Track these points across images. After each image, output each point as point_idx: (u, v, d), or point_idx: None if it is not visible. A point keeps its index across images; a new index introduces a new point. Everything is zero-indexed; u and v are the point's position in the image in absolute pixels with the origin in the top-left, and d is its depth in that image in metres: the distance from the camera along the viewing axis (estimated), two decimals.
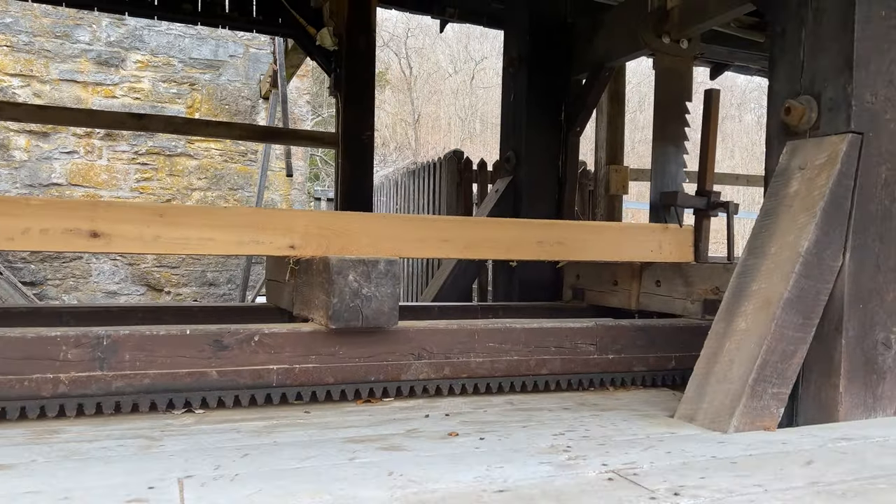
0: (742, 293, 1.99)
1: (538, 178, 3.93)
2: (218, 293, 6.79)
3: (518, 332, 2.23)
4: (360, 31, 4.35)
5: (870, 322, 1.97)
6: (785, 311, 1.86)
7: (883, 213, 1.99)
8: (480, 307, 3.24)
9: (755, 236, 2.06)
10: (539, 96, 3.90)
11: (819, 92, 2.06)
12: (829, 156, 1.97)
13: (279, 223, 2.33)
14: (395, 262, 2.03)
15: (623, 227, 2.94)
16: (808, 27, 2.11)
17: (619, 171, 5.03)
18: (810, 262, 1.89)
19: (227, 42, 6.75)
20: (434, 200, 5.26)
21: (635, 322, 2.44)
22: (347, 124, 4.31)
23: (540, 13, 3.89)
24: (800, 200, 1.98)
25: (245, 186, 6.81)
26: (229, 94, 6.79)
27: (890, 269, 2.00)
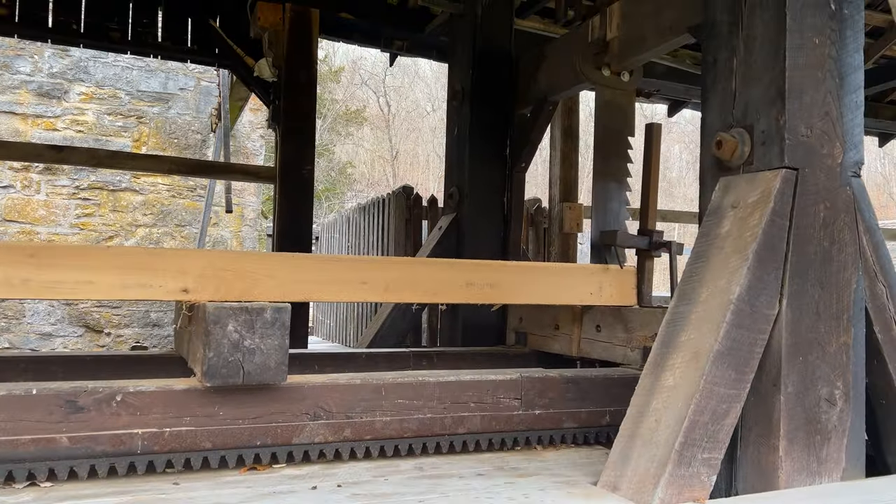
0: (670, 344, 1.80)
1: (482, 215, 3.75)
2: (162, 334, 6.47)
3: (431, 387, 2.01)
4: (301, 62, 4.18)
5: (811, 376, 1.78)
6: (715, 364, 1.66)
7: (822, 256, 1.82)
8: (413, 354, 3.01)
9: (685, 281, 1.88)
10: (483, 131, 3.75)
11: (751, 124, 1.91)
12: (762, 193, 1.80)
13: (170, 264, 2.09)
14: (285, 309, 1.80)
15: (560, 269, 2.75)
16: (740, 56, 1.97)
17: (574, 208, 4.87)
18: (743, 310, 1.71)
19: (177, 75, 6.56)
20: (383, 237, 5.05)
21: (565, 373, 2.23)
22: (286, 158, 4.11)
23: (484, 46, 3.76)
24: (732, 242, 1.81)
25: (193, 223, 6.55)
26: (179, 128, 6.58)
27: (831, 316, 1.82)
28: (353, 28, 4.60)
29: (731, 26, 2.00)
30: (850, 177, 1.89)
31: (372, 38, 4.72)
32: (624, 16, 2.93)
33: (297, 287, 2.28)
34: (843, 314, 1.83)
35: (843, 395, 1.82)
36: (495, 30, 3.79)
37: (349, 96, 28.07)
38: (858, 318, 1.86)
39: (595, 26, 3.10)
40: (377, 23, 4.61)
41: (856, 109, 1.92)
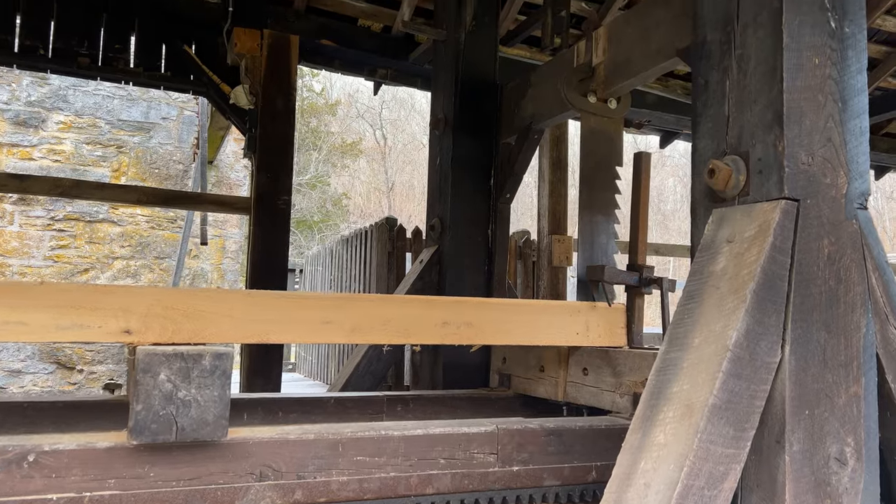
0: (661, 395, 1.60)
1: (465, 248, 3.56)
2: None
3: (396, 442, 1.80)
4: (279, 89, 4.05)
5: (819, 432, 1.58)
6: (711, 420, 1.47)
7: (828, 297, 1.64)
8: (387, 398, 2.79)
9: (677, 323, 1.69)
10: (466, 160, 3.59)
11: (747, 151, 1.74)
12: (760, 226, 1.62)
13: (112, 302, 1.90)
14: (226, 355, 1.60)
15: (544, 306, 2.56)
16: (733, 77, 1.81)
17: (563, 241, 4.71)
18: (741, 358, 1.52)
19: (159, 104, 6.43)
20: (365, 270, 4.86)
21: (546, 424, 2.02)
22: (261, 189, 3.94)
23: (467, 73, 3.62)
24: (727, 281, 1.62)
25: (172, 255, 6.36)
26: (160, 158, 6.42)
27: (840, 364, 1.63)
28: (335, 55, 4.47)
29: (722, 45, 1.85)
30: (856, 209, 1.72)
31: (355, 65, 4.59)
32: (610, 40, 2.79)
33: (253, 327, 2.09)
34: (852, 361, 1.65)
35: (855, 452, 1.62)
36: (479, 57, 3.66)
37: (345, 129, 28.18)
38: (869, 366, 1.67)
39: (581, 51, 2.96)
40: (360, 50, 4.48)
41: (860, 135, 1.76)
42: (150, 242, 6.37)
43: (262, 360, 3.83)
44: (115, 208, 6.21)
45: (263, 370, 3.84)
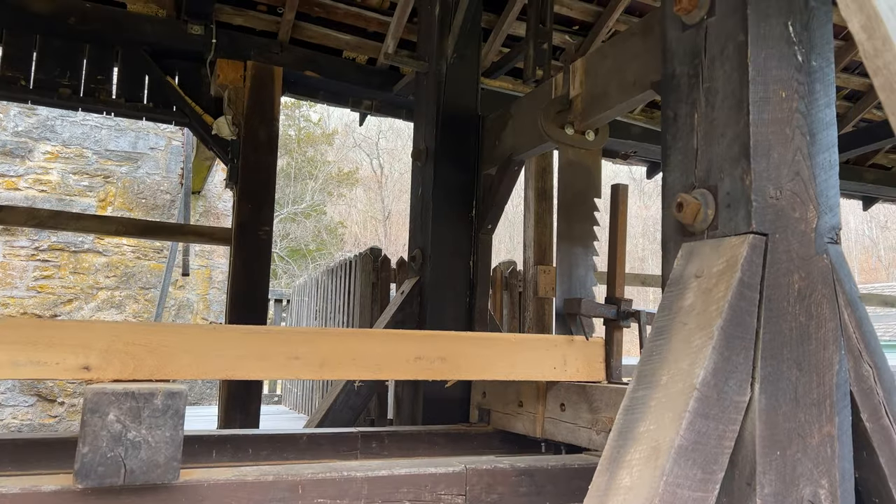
0: (628, 436, 1.55)
1: (446, 280, 3.53)
2: None
3: (359, 483, 1.74)
4: (261, 121, 4.05)
5: (792, 474, 1.53)
6: (678, 462, 1.42)
7: (799, 333, 1.60)
8: (361, 435, 2.73)
9: (645, 360, 1.65)
10: (447, 191, 3.57)
11: (715, 185, 1.72)
12: (728, 261, 1.59)
13: (70, 338, 1.85)
14: (179, 394, 1.55)
15: (520, 340, 2.51)
16: (701, 110, 1.80)
17: (548, 272, 4.67)
18: (708, 397, 1.47)
19: (148, 134, 6.44)
20: (349, 301, 4.82)
21: (517, 464, 1.96)
22: (242, 219, 3.91)
23: (449, 104, 3.62)
24: (695, 317, 1.59)
25: (158, 285, 6.30)
26: (147, 188, 6.41)
27: (812, 403, 1.59)
28: (319, 86, 4.48)
29: (691, 79, 1.84)
30: (826, 243, 1.69)
31: (339, 96, 4.60)
32: (587, 72, 2.80)
33: (218, 363, 2.04)
34: (825, 400, 1.60)
35: (830, 495, 1.57)
36: (460, 89, 3.67)
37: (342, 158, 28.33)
38: (843, 405, 1.63)
39: (558, 84, 2.96)
40: (345, 82, 4.50)
41: (829, 169, 1.74)
42: (136, 273, 6.32)
43: (241, 394, 3.77)
44: (101, 238, 6.17)
45: (242, 405, 3.77)
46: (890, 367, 1.72)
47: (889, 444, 1.67)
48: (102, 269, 6.20)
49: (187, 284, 6.50)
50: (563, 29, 4.68)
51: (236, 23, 4.17)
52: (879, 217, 33.78)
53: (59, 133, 6.19)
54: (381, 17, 4.36)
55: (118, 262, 6.28)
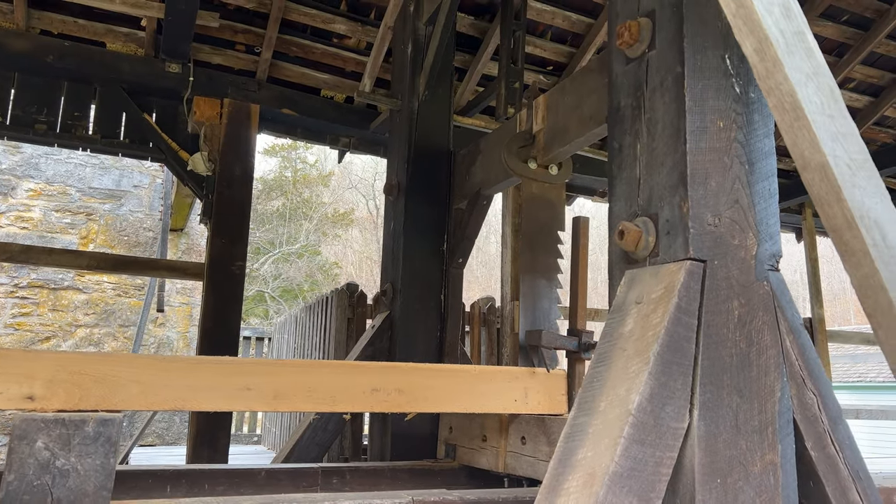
0: (567, 463, 1.53)
1: (417, 313, 3.52)
2: None
3: None
4: (237, 157, 4.08)
5: (733, 502, 1.51)
6: (612, 490, 1.40)
7: (740, 360, 1.60)
8: (322, 470, 2.68)
9: (586, 387, 1.64)
10: (419, 225, 3.59)
11: (656, 213, 1.74)
12: (666, 287, 1.60)
13: (13, 367, 1.83)
14: (111, 421, 1.54)
15: (481, 372, 2.50)
16: (643, 141, 1.83)
17: None
18: (644, 423, 1.46)
19: (132, 172, 6.48)
20: (325, 337, 4.79)
21: (467, 496, 1.93)
22: (216, 253, 3.91)
23: (421, 141, 3.67)
24: (634, 342, 1.58)
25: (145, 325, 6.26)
26: (130, 226, 6.43)
27: (754, 430, 1.57)
28: (297, 123, 4.54)
29: (634, 110, 1.88)
30: (767, 270, 1.70)
31: (317, 134, 4.66)
32: (549, 108, 2.85)
33: (167, 393, 2.02)
34: (767, 427, 1.59)
35: None
36: (432, 125, 3.72)
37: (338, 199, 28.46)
38: (786, 433, 1.62)
39: (522, 119, 3.01)
40: (323, 119, 4.56)
41: (769, 197, 1.76)
42: (116, 310, 6.29)
43: (209, 430, 3.71)
44: (81, 275, 6.16)
45: (210, 441, 3.71)
46: (835, 395, 1.72)
47: (835, 472, 1.65)
48: (82, 307, 6.17)
49: (168, 322, 6.46)
50: (537, 69, 4.78)
51: (215, 62, 4.24)
52: None
53: (42, 171, 6.23)
54: (358, 56, 4.44)
55: (98, 300, 6.25)
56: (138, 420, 5.99)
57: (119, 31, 4.00)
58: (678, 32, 1.76)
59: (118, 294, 6.29)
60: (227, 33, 4.16)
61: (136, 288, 6.34)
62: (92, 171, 6.36)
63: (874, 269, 0.92)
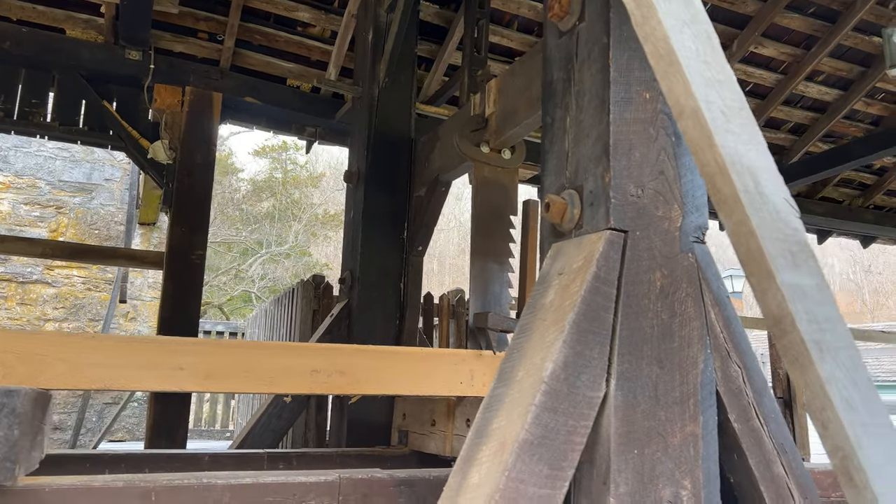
0: (483, 434, 1.51)
1: (375, 302, 3.50)
2: (64, 438, 5.95)
3: (219, 491, 1.68)
4: (198, 145, 4.05)
5: (651, 473, 1.50)
6: (521, 458, 1.38)
7: (661, 331, 1.59)
8: (268, 455, 2.66)
9: (507, 358, 1.62)
10: (378, 213, 3.57)
11: (581, 185, 1.72)
12: (586, 258, 1.58)
13: None
14: (17, 393, 1.50)
15: (426, 354, 2.47)
16: (572, 113, 1.81)
17: None
18: (558, 391, 1.44)
19: (103, 165, 6.43)
20: (292, 329, 4.76)
21: (397, 474, 1.91)
22: (175, 243, 3.88)
23: (381, 128, 3.65)
24: (553, 312, 1.57)
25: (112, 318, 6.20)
26: (101, 219, 6.37)
27: (674, 401, 1.56)
28: (263, 113, 4.51)
29: (565, 83, 1.86)
30: (692, 242, 1.69)
31: (283, 123, 4.63)
32: (501, 91, 2.83)
33: (95, 373, 1.99)
34: (688, 399, 1.58)
35: (692, 496, 1.53)
36: (393, 113, 3.70)
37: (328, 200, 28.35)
38: (709, 404, 1.60)
39: (476, 103, 3.00)
40: (289, 109, 4.53)
41: (696, 170, 1.74)
42: (86, 304, 6.23)
43: (166, 421, 3.67)
44: (51, 269, 6.09)
45: (168, 432, 3.67)
46: (760, 369, 1.71)
47: (759, 446, 1.64)
48: (51, 301, 6.11)
49: (139, 316, 6.41)
50: (505, 60, 4.77)
51: (177, 50, 4.20)
52: (864, 261, 34.18)
53: (11, 164, 6.16)
54: (323, 45, 4.42)
55: (67, 294, 6.19)
56: (108, 415, 5.94)
57: (78, 17, 3.96)
58: (605, 3, 1.74)
59: (88, 288, 6.23)
60: (188, 20, 4.12)
61: (106, 282, 6.28)
62: (62, 163, 6.30)
63: (745, 216, 0.90)
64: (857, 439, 0.87)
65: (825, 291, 0.92)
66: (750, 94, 5.54)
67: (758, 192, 0.91)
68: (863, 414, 0.89)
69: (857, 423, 0.88)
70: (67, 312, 6.17)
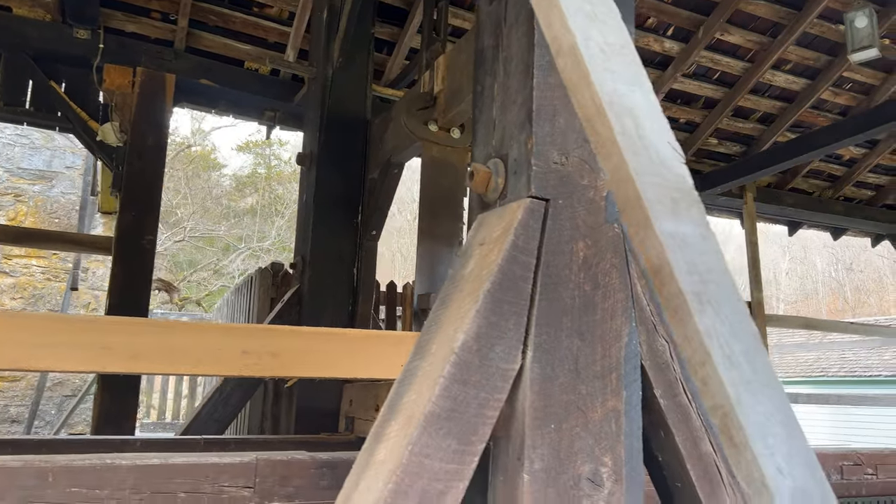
0: (394, 408, 1.45)
1: (327, 287, 3.42)
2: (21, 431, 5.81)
3: (124, 472, 1.60)
4: (149, 127, 3.94)
5: (569, 449, 1.44)
6: (426, 431, 1.31)
7: (583, 302, 1.53)
8: (204, 441, 2.58)
9: (424, 331, 1.56)
10: (331, 196, 3.49)
11: (506, 153, 1.66)
12: (505, 227, 1.52)
13: None
14: None
15: (366, 337, 2.41)
16: (500, 80, 1.75)
17: None
18: (468, 363, 1.38)
19: (64, 153, 6.29)
20: (250, 318, 4.66)
21: (319, 456, 1.84)
22: (124, 227, 3.78)
23: (335, 110, 3.56)
24: (470, 283, 1.50)
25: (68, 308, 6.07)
26: (61, 207, 6.23)
27: (595, 375, 1.50)
28: (220, 96, 4.41)
29: (494, 50, 1.80)
30: (618, 213, 1.62)
31: (241, 107, 4.54)
32: (448, 68, 2.77)
33: (14, 352, 1.91)
34: (611, 373, 1.52)
35: (613, 473, 1.47)
36: (347, 94, 3.62)
37: None
38: (632, 379, 1.55)
39: (426, 81, 2.93)
40: (247, 92, 4.44)
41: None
42: (45, 294, 6.09)
43: (113, 412, 3.57)
44: (9, 258, 5.95)
45: (116, 420, 3.58)
46: None
47: (686, 422, 1.59)
48: (8, 291, 5.96)
49: (101, 306, 6.27)
50: None
51: (129, 29, 4.09)
52: (846, 259, 34.52)
53: None
54: (280, 27, 4.32)
55: (26, 283, 6.05)
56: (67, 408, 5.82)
57: None
58: None
59: (47, 278, 6.10)
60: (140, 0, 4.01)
61: (66, 272, 6.15)
62: (21, 150, 6.15)
63: (622, 160, 0.84)
64: (738, 396, 0.82)
65: (710, 241, 0.87)
66: (717, 82, 5.52)
67: (638, 136, 0.85)
68: (745, 370, 0.83)
69: (738, 380, 0.83)
70: (26, 302, 6.03)
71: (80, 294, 6.07)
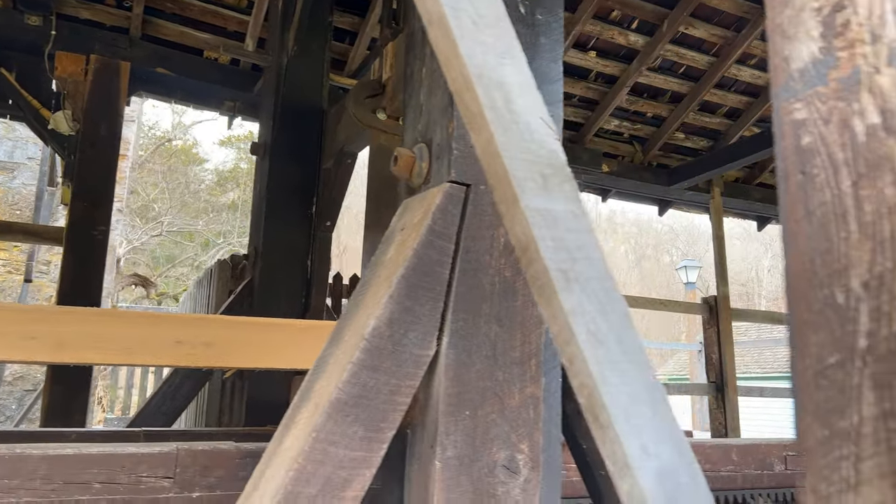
0: (306, 396, 1.43)
1: (280, 279, 3.38)
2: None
3: (35, 462, 1.56)
4: (103, 116, 3.87)
5: (484, 436, 1.42)
6: (332, 418, 1.29)
7: (503, 288, 1.51)
8: (144, 434, 2.53)
9: (341, 319, 1.53)
10: (284, 187, 3.45)
11: (431, 138, 1.64)
12: (424, 211, 1.50)
13: None
14: None
15: (308, 327, 2.38)
16: (427, 62, 1.72)
17: None
18: (380, 349, 1.35)
19: (26, 143, 6.17)
20: (208, 310, 4.61)
21: (244, 446, 1.80)
22: (75, 217, 3.70)
23: (289, 99, 3.52)
24: (387, 269, 1.48)
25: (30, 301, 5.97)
26: (23, 199, 6.12)
27: (514, 362, 1.48)
28: (177, 85, 4.34)
29: (423, 33, 1.77)
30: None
31: (199, 97, 4.47)
32: (397, 55, 2.74)
33: None
34: (530, 359, 1.50)
35: (530, 461, 1.46)
36: (302, 83, 3.58)
37: None
38: (552, 365, 1.54)
39: (375, 69, 2.90)
40: (205, 82, 4.37)
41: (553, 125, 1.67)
42: (5, 287, 5.98)
43: (63, 405, 3.51)
44: None
45: (64, 413, 3.51)
46: None
47: None
48: None
49: None
50: None
51: (83, 16, 4.01)
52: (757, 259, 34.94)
53: None
54: (239, 15, 4.26)
55: None
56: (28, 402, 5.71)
57: None
58: None
59: (8, 271, 5.98)
60: None
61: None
62: None
63: (491, 134, 0.82)
64: (603, 376, 0.80)
65: (581, 219, 0.85)
66: (683, 77, 5.54)
67: (508, 110, 0.83)
68: (612, 349, 0.82)
69: (603, 359, 0.81)
70: None
71: (41, 287, 5.97)
